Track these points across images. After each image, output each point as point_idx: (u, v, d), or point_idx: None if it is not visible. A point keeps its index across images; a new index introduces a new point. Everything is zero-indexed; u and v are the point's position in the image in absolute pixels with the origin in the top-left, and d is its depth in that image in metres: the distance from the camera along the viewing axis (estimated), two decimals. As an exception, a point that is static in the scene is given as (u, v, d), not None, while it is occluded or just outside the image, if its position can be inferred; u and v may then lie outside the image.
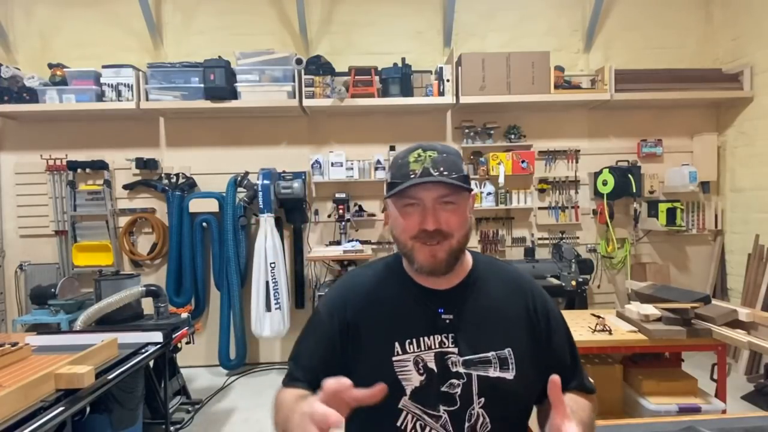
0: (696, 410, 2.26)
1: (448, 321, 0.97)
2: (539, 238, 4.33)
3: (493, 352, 0.96)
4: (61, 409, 1.68)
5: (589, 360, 2.63)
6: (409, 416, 0.94)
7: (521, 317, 1.01)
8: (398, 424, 0.94)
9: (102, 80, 3.88)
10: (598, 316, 2.63)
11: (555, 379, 0.79)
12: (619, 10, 4.35)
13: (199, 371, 4.13)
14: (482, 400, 0.94)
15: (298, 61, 3.83)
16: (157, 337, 2.47)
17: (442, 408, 0.93)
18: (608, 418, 2.23)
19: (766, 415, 1.37)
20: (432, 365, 0.94)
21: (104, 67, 3.92)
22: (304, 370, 0.99)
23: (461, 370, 0.94)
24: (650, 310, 2.43)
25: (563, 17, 4.36)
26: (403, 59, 4.03)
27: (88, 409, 1.87)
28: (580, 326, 2.54)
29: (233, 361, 4.06)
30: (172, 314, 3.15)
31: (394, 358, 0.95)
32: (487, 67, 3.94)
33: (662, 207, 4.07)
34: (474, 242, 4.30)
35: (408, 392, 0.94)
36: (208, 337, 4.20)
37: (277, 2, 4.27)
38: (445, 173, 0.91)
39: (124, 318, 2.98)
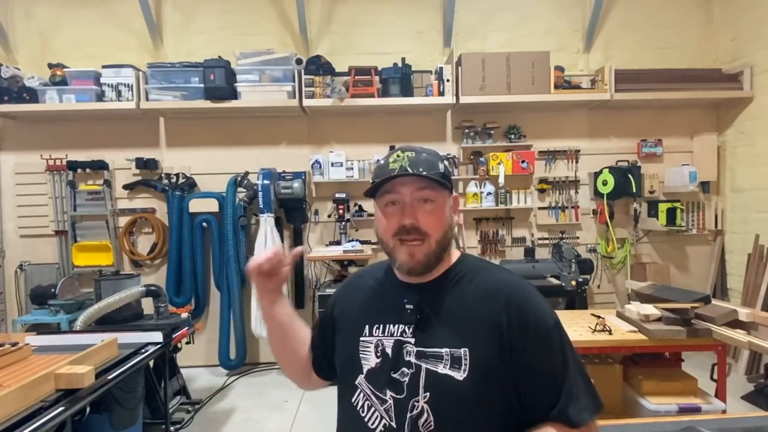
0: (696, 410, 2.26)
1: (409, 311, 1.00)
2: (539, 238, 4.33)
3: (447, 349, 0.94)
4: (61, 409, 1.68)
5: (589, 360, 2.63)
6: (362, 395, 0.99)
7: (489, 324, 0.94)
8: (352, 400, 1.00)
9: (102, 80, 3.89)
10: (598, 316, 2.63)
11: None
12: (619, 10, 4.35)
13: (199, 371, 4.13)
14: (427, 394, 0.93)
15: (298, 61, 3.83)
16: (157, 337, 2.47)
17: (389, 393, 0.96)
18: (608, 418, 2.23)
19: (766, 415, 1.37)
20: (389, 351, 0.99)
21: (104, 67, 3.92)
22: (313, 345, 1.18)
23: (412, 360, 0.96)
24: (650, 310, 2.42)
25: (563, 17, 4.36)
26: (403, 59, 4.03)
27: (88, 409, 1.87)
28: (580, 326, 2.54)
29: (233, 361, 4.06)
30: (172, 314, 3.15)
31: (361, 338, 1.03)
32: (487, 67, 3.94)
33: (662, 207, 4.07)
34: (474, 242, 4.31)
35: (364, 371, 1.00)
36: (208, 337, 4.20)
37: (277, 2, 4.27)
38: (422, 171, 0.96)
39: (124, 318, 2.98)
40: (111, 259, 4.11)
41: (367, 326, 1.03)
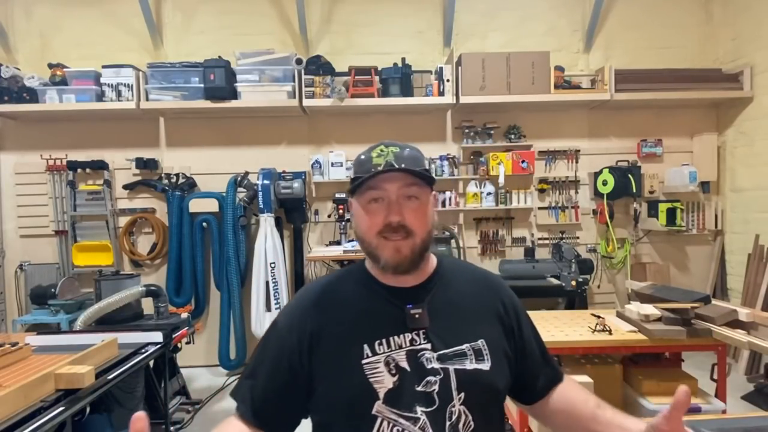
0: (696, 410, 2.26)
1: (417, 316, 0.94)
2: (539, 238, 4.32)
3: (467, 344, 0.94)
4: (61, 409, 1.68)
5: (589, 360, 2.63)
6: (385, 422, 0.88)
7: (491, 311, 1.01)
8: None
9: (102, 80, 3.89)
10: (598, 316, 2.63)
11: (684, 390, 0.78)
12: (619, 10, 4.35)
13: (199, 371, 4.12)
14: (462, 395, 0.90)
15: (298, 61, 3.83)
16: (157, 337, 2.47)
17: (419, 409, 0.88)
18: (608, 418, 2.22)
19: (766, 415, 1.37)
20: (404, 364, 0.91)
21: (104, 67, 3.92)
22: (260, 395, 0.94)
23: (437, 365, 0.91)
24: (650, 310, 2.42)
25: (563, 17, 4.36)
26: (403, 59, 4.02)
27: (88, 409, 1.87)
28: (580, 326, 2.54)
29: (233, 361, 4.05)
30: (172, 314, 3.15)
31: (363, 362, 0.91)
32: (487, 67, 3.94)
33: (662, 207, 4.07)
34: (474, 242, 4.31)
35: (381, 396, 0.89)
36: (208, 337, 4.20)
37: (277, 2, 4.27)
38: (409, 166, 0.93)
39: (124, 318, 2.98)
40: (111, 259, 4.11)
41: (365, 346, 0.92)
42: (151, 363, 2.73)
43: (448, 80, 3.96)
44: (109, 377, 1.99)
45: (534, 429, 2.31)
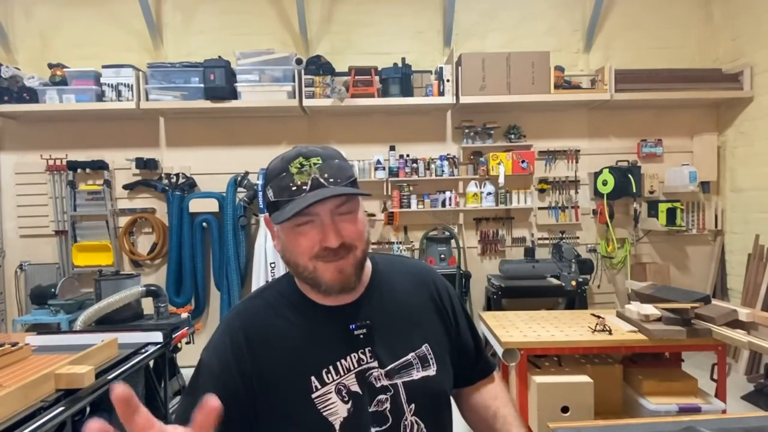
0: (696, 410, 2.26)
1: (362, 336, 0.89)
2: (539, 238, 4.33)
3: (412, 353, 0.92)
4: (61, 409, 1.67)
5: (589, 360, 2.63)
6: None
7: (430, 307, 1.00)
8: None
9: (102, 80, 3.89)
10: (598, 316, 2.63)
11: None
12: (619, 10, 4.35)
13: (199, 371, 4.12)
14: (413, 406, 0.89)
15: (298, 61, 3.83)
16: (157, 337, 2.47)
17: (373, 430, 0.87)
18: (608, 418, 2.23)
19: (766, 415, 1.37)
20: (356, 388, 0.87)
21: (104, 67, 3.92)
22: None
23: (385, 382, 0.89)
24: (650, 310, 2.43)
25: (563, 17, 4.36)
26: (403, 59, 4.03)
27: (88, 409, 1.87)
28: (580, 326, 2.54)
29: (233, 361, 4.05)
30: (172, 314, 3.14)
31: (313, 396, 0.85)
32: (487, 67, 3.94)
33: (662, 207, 4.07)
34: (474, 242, 4.31)
35: (337, 427, 0.85)
36: (208, 337, 4.17)
37: (277, 2, 4.27)
38: (336, 182, 0.82)
39: (124, 318, 2.97)
40: (111, 259, 4.11)
41: (313, 378, 0.86)
42: (151, 363, 2.73)
43: (448, 80, 3.96)
44: (109, 377, 1.99)
45: (534, 429, 2.31)
